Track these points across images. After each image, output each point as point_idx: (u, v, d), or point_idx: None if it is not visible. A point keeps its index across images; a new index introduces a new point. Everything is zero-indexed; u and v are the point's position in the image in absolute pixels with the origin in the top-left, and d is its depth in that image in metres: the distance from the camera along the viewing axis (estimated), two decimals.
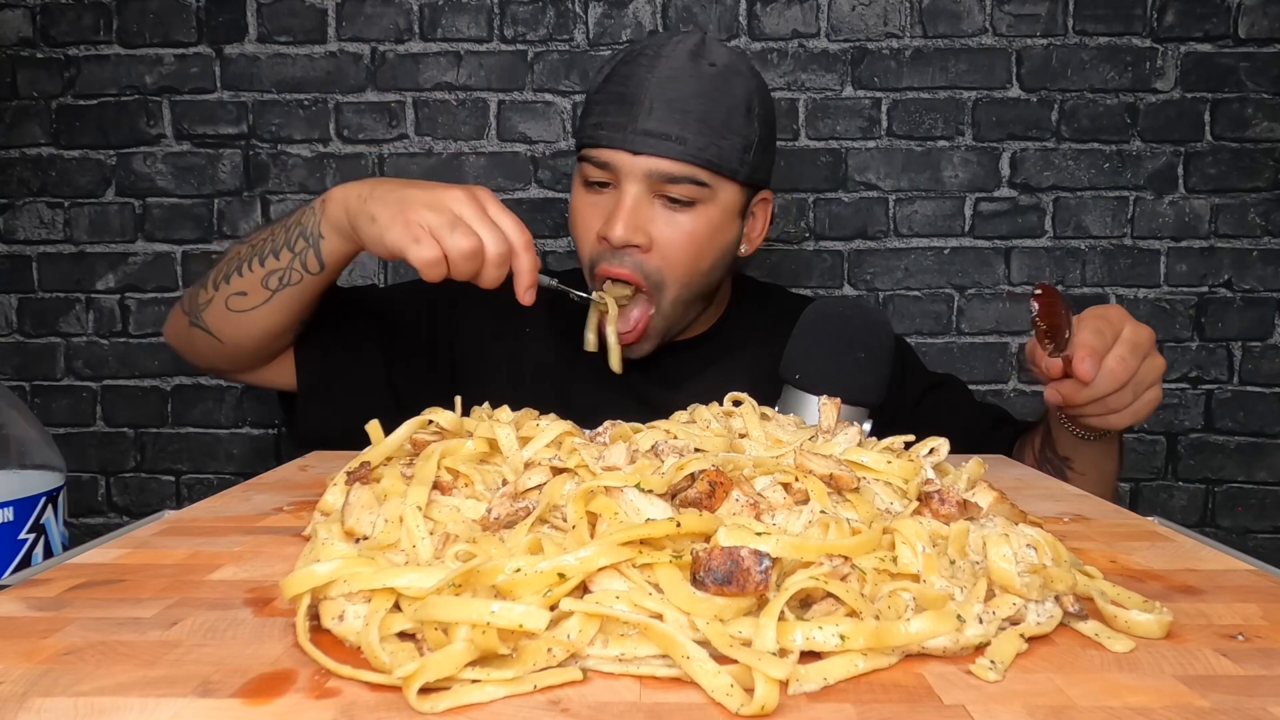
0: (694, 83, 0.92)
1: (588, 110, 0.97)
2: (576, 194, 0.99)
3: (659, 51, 0.94)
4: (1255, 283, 1.47)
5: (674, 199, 0.93)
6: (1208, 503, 1.50)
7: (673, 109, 0.91)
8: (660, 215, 0.94)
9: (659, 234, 0.93)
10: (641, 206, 0.93)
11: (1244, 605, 0.43)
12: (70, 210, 1.51)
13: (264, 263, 0.88)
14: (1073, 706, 0.32)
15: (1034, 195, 1.47)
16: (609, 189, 0.95)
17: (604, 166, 0.93)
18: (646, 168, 0.91)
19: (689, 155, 0.91)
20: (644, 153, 0.91)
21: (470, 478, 0.49)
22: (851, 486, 0.45)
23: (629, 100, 0.92)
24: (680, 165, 0.91)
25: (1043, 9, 1.44)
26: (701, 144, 0.92)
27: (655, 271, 0.94)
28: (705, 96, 0.92)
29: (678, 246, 0.94)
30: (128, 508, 1.54)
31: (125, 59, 1.48)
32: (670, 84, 0.92)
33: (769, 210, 1.03)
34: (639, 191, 0.92)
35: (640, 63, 0.94)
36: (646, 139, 0.91)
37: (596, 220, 0.95)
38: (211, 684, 0.34)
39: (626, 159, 0.92)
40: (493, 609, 0.33)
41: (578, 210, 0.98)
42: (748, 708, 0.32)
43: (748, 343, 1.06)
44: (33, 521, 0.75)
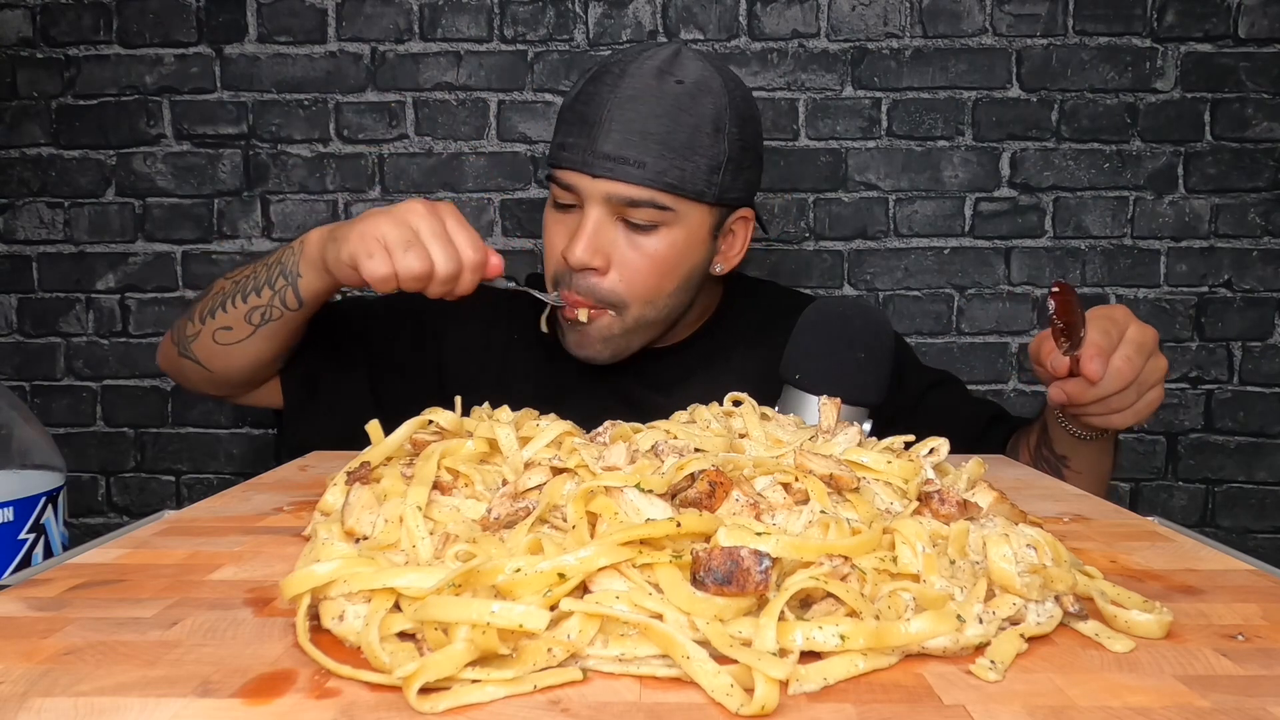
0: (655, 102, 0.90)
1: (556, 127, 0.97)
2: (547, 211, 0.99)
3: (624, 69, 0.92)
4: (1255, 283, 1.47)
5: (635, 223, 0.92)
6: (1208, 503, 1.50)
7: (631, 130, 0.89)
8: (622, 238, 0.93)
9: (620, 257, 0.93)
10: (603, 229, 0.92)
11: (1244, 605, 0.43)
12: (70, 210, 1.51)
13: (246, 299, 0.90)
14: (1073, 706, 0.32)
15: (1034, 195, 1.47)
16: (575, 209, 0.94)
17: (568, 188, 0.92)
18: (605, 191, 0.90)
19: (648, 179, 0.89)
20: (602, 176, 0.90)
21: (470, 478, 0.49)
22: (851, 486, 0.45)
23: (589, 120, 0.91)
24: (639, 189, 0.90)
25: (1043, 9, 1.44)
26: (661, 167, 0.89)
27: (611, 293, 0.93)
28: (667, 117, 0.90)
29: (639, 270, 0.93)
30: (128, 508, 1.54)
31: (125, 59, 1.48)
32: (631, 104, 0.90)
33: (749, 228, 1.01)
34: (600, 214, 0.92)
35: (605, 81, 0.92)
36: (605, 162, 0.89)
37: (561, 239, 0.94)
38: (211, 684, 0.34)
39: (587, 182, 0.91)
40: (493, 609, 0.33)
41: (546, 227, 0.99)
42: (748, 708, 0.32)
43: (739, 343, 1.06)
44: (33, 521, 0.75)
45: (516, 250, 1.52)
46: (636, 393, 1.02)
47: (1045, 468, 0.89)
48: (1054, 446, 0.89)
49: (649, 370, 1.02)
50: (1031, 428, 0.94)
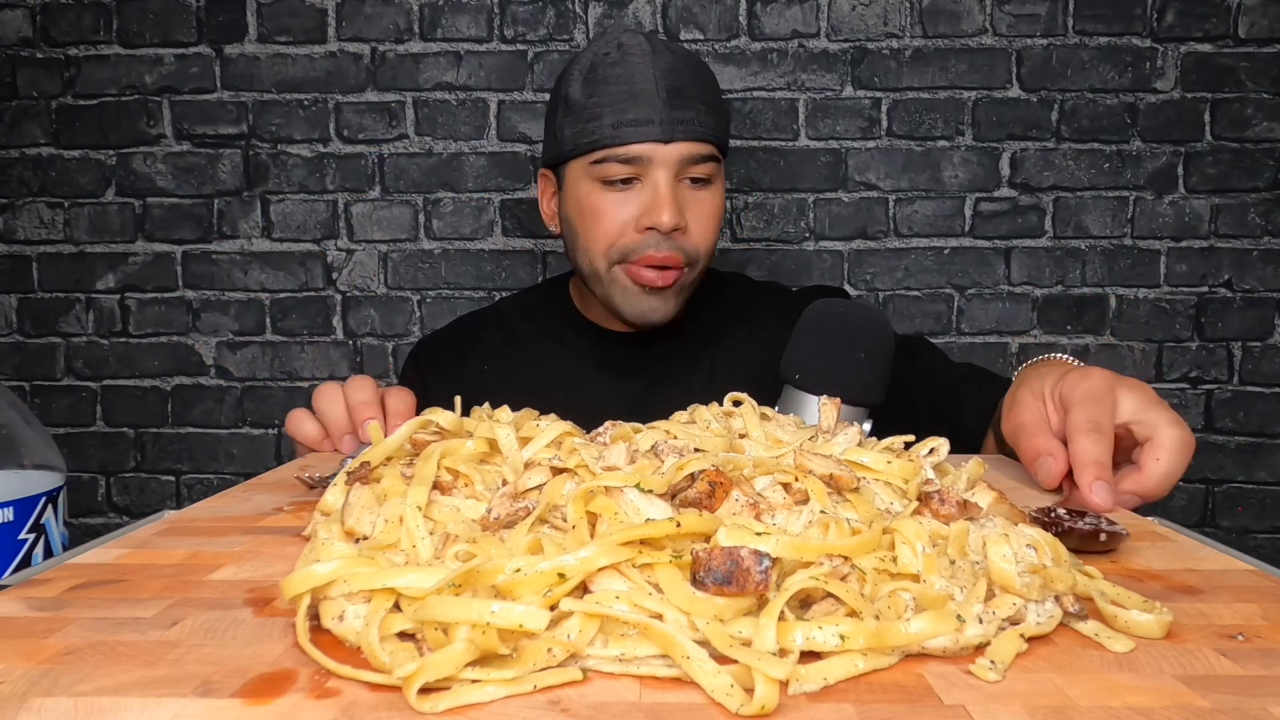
0: (684, 67, 0.98)
1: (588, 114, 0.98)
2: (591, 195, 1.00)
3: (643, 46, 0.98)
4: (1255, 283, 1.47)
5: (696, 179, 0.99)
6: (1208, 503, 1.50)
7: (685, 95, 0.97)
8: (689, 196, 1.00)
9: (691, 214, 1.00)
10: (677, 191, 0.98)
11: (1244, 605, 0.43)
12: (70, 210, 1.51)
13: None
14: (1073, 706, 0.32)
15: (1034, 195, 1.47)
16: (633, 183, 0.98)
17: (632, 161, 0.97)
18: (680, 153, 0.97)
19: (708, 134, 0.98)
20: (676, 139, 0.96)
21: (470, 478, 0.49)
22: (851, 486, 0.45)
23: (644, 94, 0.96)
24: (704, 145, 0.98)
25: (1043, 9, 1.44)
26: (712, 123, 0.99)
27: (693, 250, 1.00)
28: (698, 79, 0.99)
29: (706, 222, 1.01)
30: (128, 508, 1.54)
31: (125, 59, 1.48)
32: (673, 73, 0.97)
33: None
34: (669, 178, 0.97)
35: (634, 60, 0.98)
36: (677, 126, 0.96)
37: (626, 214, 0.99)
38: (211, 684, 0.34)
39: (659, 149, 0.96)
40: (493, 609, 0.33)
41: (601, 210, 1.00)
42: (748, 708, 0.32)
43: (717, 332, 1.10)
44: (33, 521, 0.75)
45: (516, 250, 1.52)
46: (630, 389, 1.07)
47: None
48: None
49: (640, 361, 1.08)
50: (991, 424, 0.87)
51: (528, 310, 1.16)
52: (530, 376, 1.10)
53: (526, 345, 1.13)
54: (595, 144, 0.98)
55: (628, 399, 1.07)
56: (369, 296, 1.53)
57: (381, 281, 1.52)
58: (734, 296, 1.14)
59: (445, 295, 1.52)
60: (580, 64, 1.01)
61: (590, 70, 0.99)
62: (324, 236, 1.52)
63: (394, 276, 1.52)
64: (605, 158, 0.98)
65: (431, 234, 1.51)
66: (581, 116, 0.99)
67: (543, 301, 1.17)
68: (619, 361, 1.10)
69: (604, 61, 0.99)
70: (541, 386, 1.08)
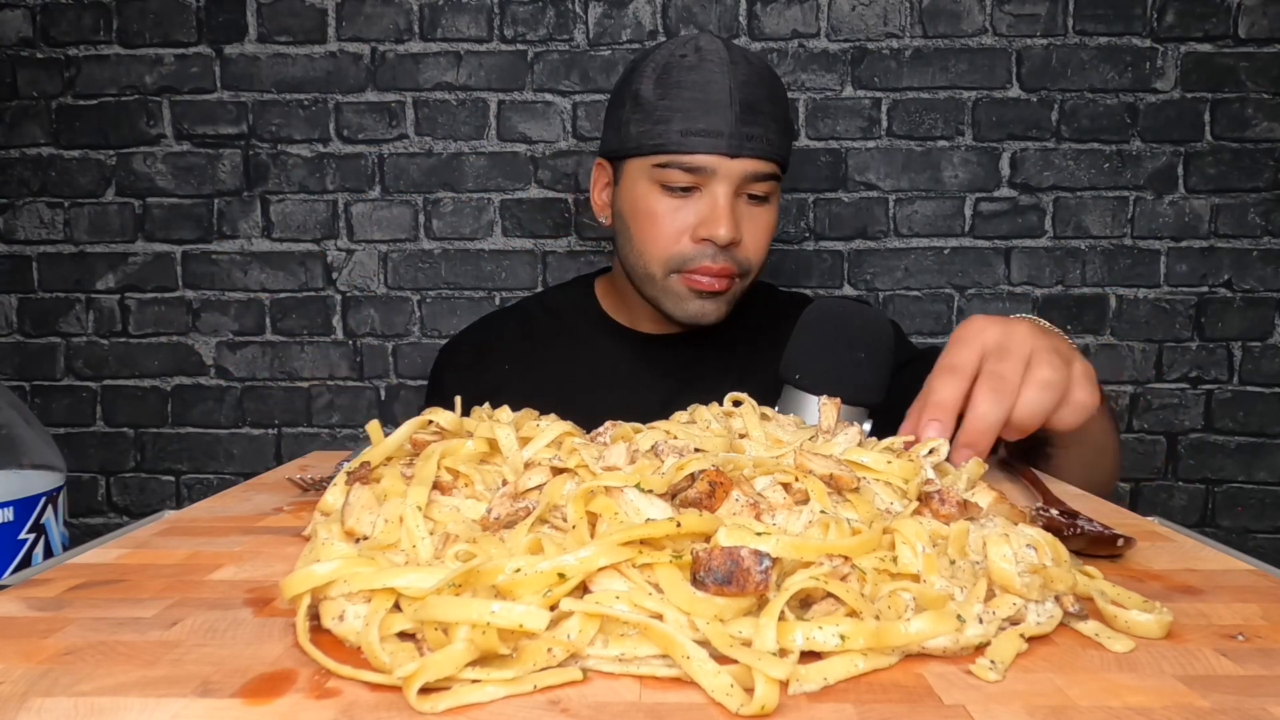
0: (760, 82, 0.98)
1: (656, 116, 0.98)
2: (650, 198, 1.01)
3: (721, 54, 0.98)
4: (1255, 283, 1.47)
5: (755, 195, 1.00)
6: (1208, 503, 1.50)
7: (757, 110, 0.97)
8: (746, 211, 1.00)
9: (747, 228, 1.00)
10: (735, 205, 0.99)
11: (1244, 605, 0.43)
12: (70, 210, 1.51)
13: None
14: (1073, 706, 0.32)
15: (1034, 195, 1.47)
16: (694, 192, 0.99)
17: (695, 171, 0.97)
18: (743, 170, 0.97)
19: (773, 153, 0.98)
20: (743, 155, 0.96)
21: (470, 478, 0.49)
22: (851, 486, 0.45)
23: (717, 105, 0.96)
24: (768, 164, 0.98)
25: (1043, 9, 1.44)
26: (778, 141, 0.99)
27: (745, 263, 1.01)
28: (773, 96, 0.99)
29: (760, 239, 1.02)
30: (128, 508, 1.54)
31: (125, 59, 1.48)
32: (748, 86, 0.97)
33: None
34: (729, 192, 0.97)
35: (711, 67, 0.97)
36: (745, 142, 0.96)
37: (682, 222, 0.99)
38: (211, 684, 0.34)
39: (724, 163, 0.96)
40: (493, 609, 0.33)
41: (659, 215, 1.00)
42: (748, 708, 0.32)
43: (751, 338, 1.10)
44: (33, 521, 0.75)
45: (516, 250, 1.52)
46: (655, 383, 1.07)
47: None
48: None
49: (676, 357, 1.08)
50: None
51: (552, 309, 1.16)
52: (553, 377, 1.09)
53: (550, 345, 1.12)
54: (661, 147, 0.98)
55: (652, 403, 1.02)
56: (369, 296, 1.53)
57: (381, 281, 1.52)
58: (763, 305, 1.14)
59: (445, 295, 1.52)
60: (655, 61, 1.00)
61: (665, 70, 0.98)
62: (324, 236, 1.52)
63: (394, 276, 1.52)
64: (669, 163, 0.98)
65: (431, 234, 1.51)
66: (650, 116, 0.98)
67: (568, 301, 1.16)
68: (645, 365, 1.09)
69: (680, 64, 0.98)
70: (564, 387, 1.08)
